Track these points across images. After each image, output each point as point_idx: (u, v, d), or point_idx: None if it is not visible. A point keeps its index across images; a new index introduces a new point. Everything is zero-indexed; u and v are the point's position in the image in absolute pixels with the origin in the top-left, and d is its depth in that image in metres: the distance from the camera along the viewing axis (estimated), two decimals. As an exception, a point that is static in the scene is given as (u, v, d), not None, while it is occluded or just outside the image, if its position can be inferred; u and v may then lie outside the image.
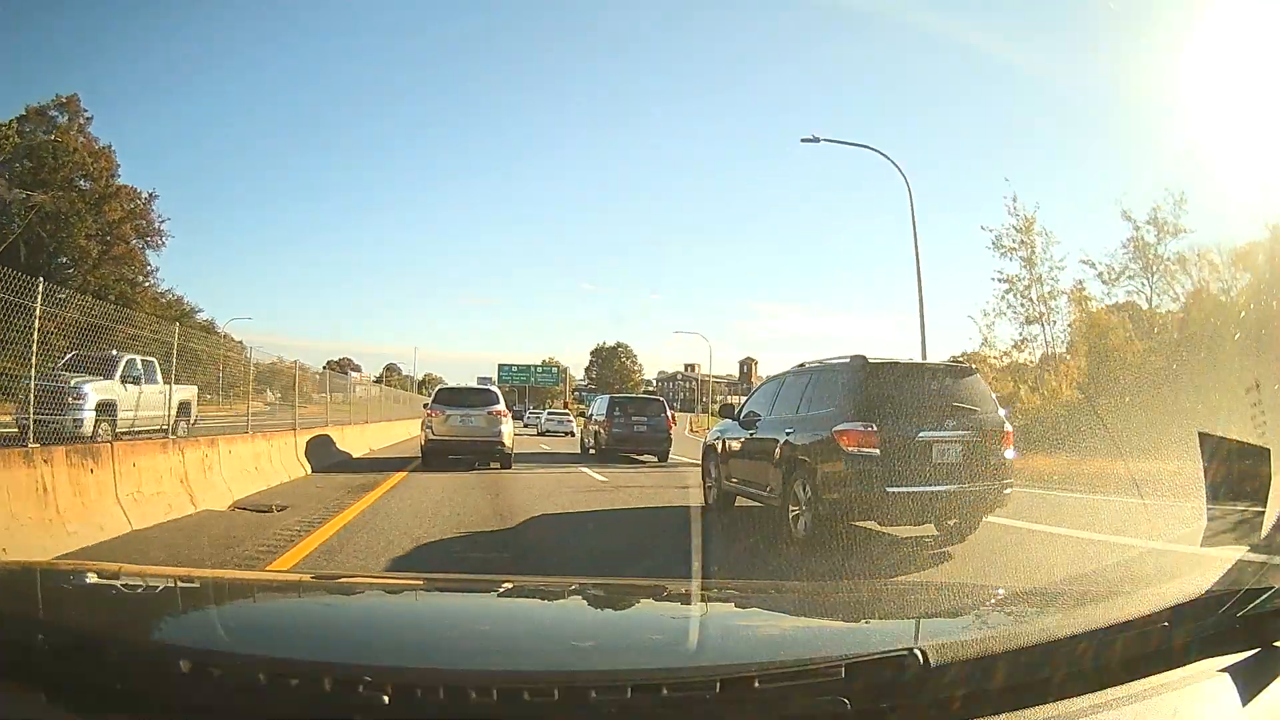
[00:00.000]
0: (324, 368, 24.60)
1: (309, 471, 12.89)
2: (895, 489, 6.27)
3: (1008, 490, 6.71)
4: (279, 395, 17.85)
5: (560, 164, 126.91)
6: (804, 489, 6.76)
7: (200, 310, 49.71)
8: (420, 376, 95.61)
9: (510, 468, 14.42)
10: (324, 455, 14.27)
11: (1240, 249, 20.08)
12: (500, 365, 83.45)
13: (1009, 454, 6.81)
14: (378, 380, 62.13)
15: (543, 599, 2.26)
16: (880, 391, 6.68)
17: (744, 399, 9.72)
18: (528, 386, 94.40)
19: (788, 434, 7.26)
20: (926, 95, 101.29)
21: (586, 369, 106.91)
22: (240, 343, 23.99)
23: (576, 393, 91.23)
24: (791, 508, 6.90)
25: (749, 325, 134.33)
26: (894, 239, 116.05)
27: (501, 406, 15.06)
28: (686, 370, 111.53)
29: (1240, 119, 18.75)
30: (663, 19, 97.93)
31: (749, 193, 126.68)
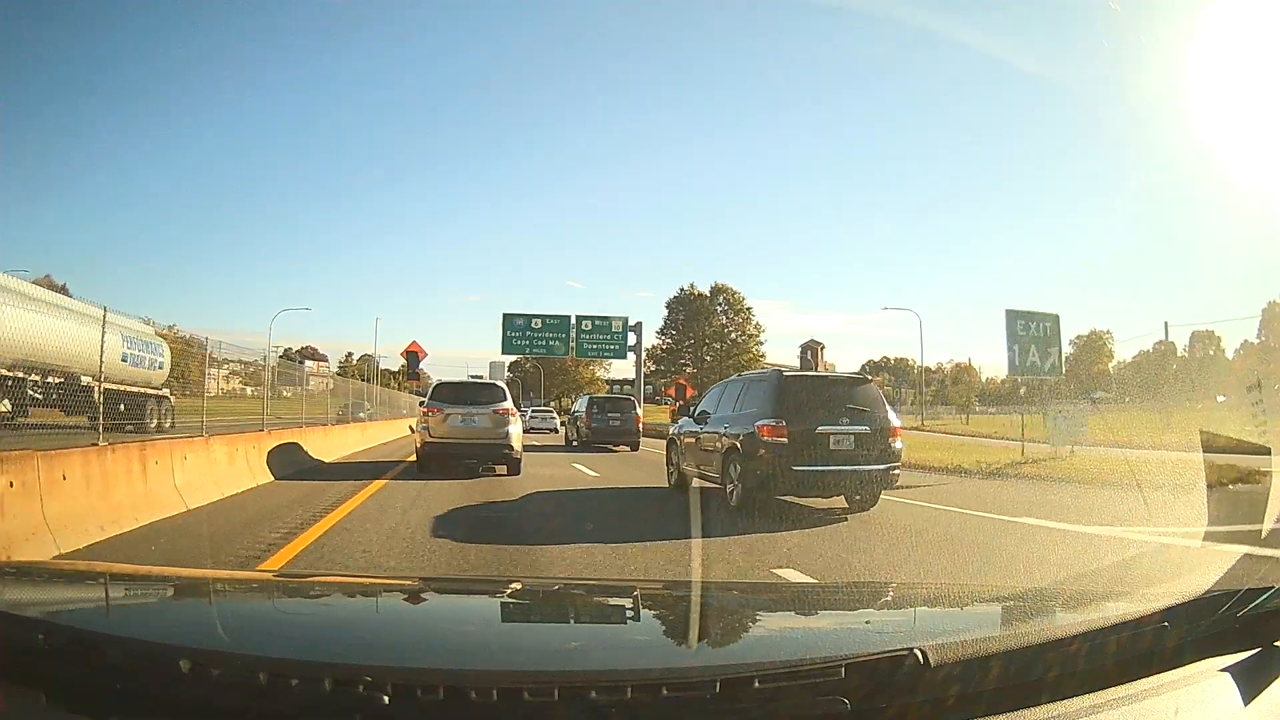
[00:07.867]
0: (281, 356, 21.10)
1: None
2: (800, 468, 8.46)
3: (896, 472, 8.88)
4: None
5: (543, 159, 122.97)
6: (735, 469, 9.00)
7: None
8: (395, 368, 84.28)
9: (519, 473, 12.91)
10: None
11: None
12: (506, 317, 38.91)
13: (897, 445, 8.99)
14: (340, 371, 56.78)
15: (543, 599, 2.27)
16: (792, 396, 8.89)
17: (700, 400, 11.85)
18: (558, 361, 63.63)
19: (725, 428, 9.53)
20: (912, 89, 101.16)
21: (661, 330, 70.68)
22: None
23: (610, 385, 65.17)
24: (728, 484, 9.15)
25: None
26: (886, 238, 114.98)
27: (509, 404, 13.52)
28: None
29: None
30: (662, 18, 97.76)
31: (741, 189, 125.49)
